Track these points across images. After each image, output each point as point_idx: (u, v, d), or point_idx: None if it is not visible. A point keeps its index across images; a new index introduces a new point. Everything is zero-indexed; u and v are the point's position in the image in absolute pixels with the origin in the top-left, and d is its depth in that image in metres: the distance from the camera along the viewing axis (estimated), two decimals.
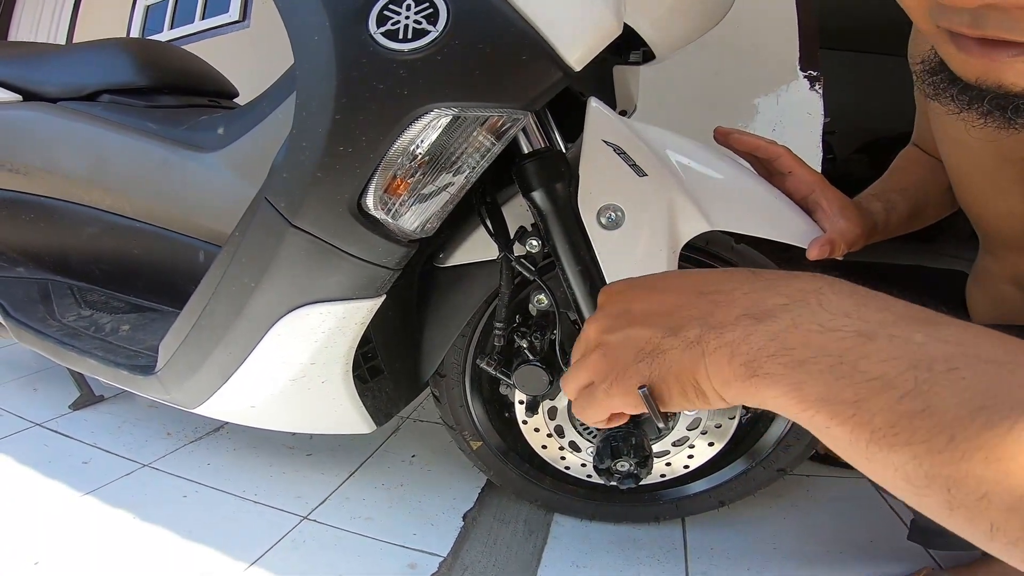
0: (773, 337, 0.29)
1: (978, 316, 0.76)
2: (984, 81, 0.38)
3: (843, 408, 0.26)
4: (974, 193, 0.67)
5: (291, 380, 0.77)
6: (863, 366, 0.26)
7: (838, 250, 0.67)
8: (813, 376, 0.27)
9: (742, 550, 0.93)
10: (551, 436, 0.91)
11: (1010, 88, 0.37)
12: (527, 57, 0.54)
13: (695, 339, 0.32)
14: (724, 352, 0.30)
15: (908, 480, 0.24)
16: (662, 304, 0.36)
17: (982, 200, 0.67)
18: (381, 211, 0.59)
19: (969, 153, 0.62)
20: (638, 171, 0.68)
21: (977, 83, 0.38)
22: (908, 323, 0.28)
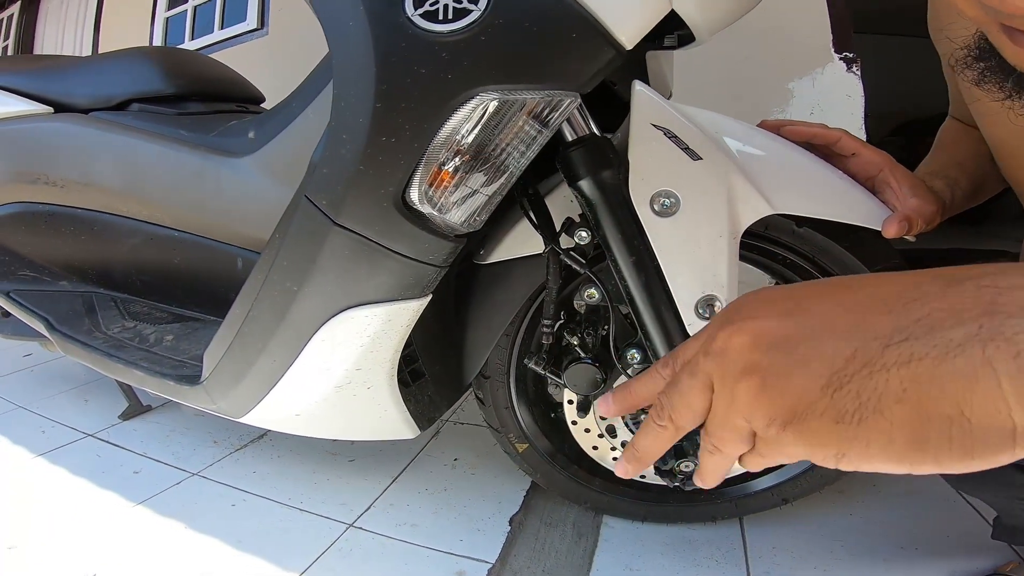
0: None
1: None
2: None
3: None
4: (1019, 166, 0.62)
5: (336, 387, 0.73)
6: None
7: (916, 227, 0.62)
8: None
9: (807, 549, 0.86)
10: (602, 437, 0.85)
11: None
12: (577, 36, 0.48)
13: (963, 341, 0.21)
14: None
15: None
16: (851, 306, 0.24)
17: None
18: (426, 205, 0.55)
19: (1015, 128, 0.57)
20: (692, 155, 0.63)
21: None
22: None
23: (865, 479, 1.01)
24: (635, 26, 0.50)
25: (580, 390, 0.76)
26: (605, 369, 0.75)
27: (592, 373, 0.74)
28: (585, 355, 0.75)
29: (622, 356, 0.71)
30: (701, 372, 0.28)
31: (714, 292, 0.64)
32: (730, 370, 0.26)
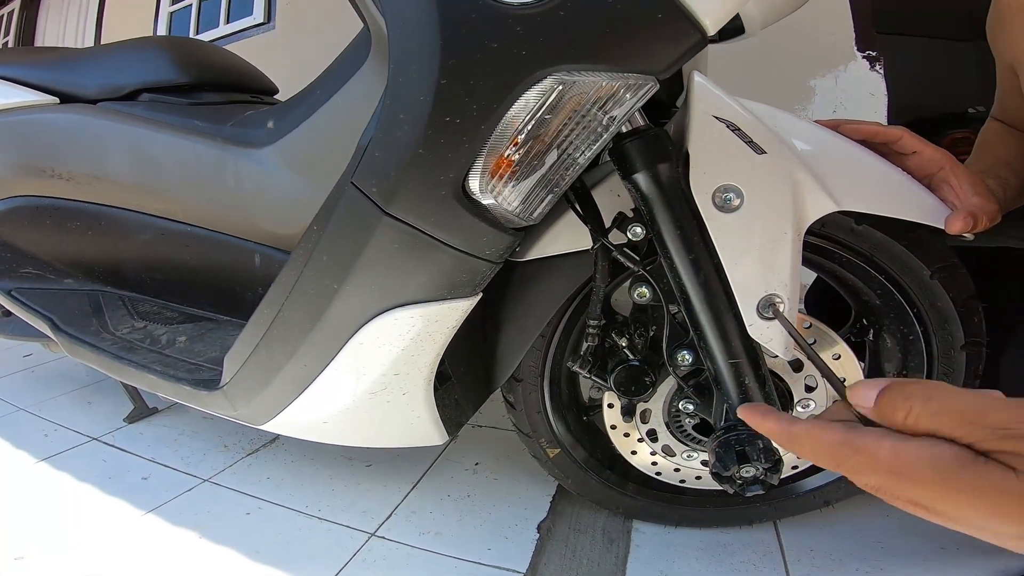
0: None
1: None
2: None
3: None
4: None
5: (370, 393, 0.67)
6: None
7: (980, 224, 0.59)
8: None
9: (846, 551, 0.82)
10: (642, 441, 0.80)
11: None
12: (663, 17, 0.43)
13: None
14: None
15: None
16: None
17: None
18: (488, 195, 0.49)
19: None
20: (756, 148, 0.58)
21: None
22: None
23: None
24: (721, 10, 0.46)
25: (627, 393, 0.71)
26: (654, 371, 0.70)
27: (642, 376, 0.69)
28: (633, 357, 0.70)
29: (672, 358, 0.66)
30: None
31: (776, 291, 0.60)
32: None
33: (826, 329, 0.70)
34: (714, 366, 0.60)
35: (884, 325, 0.71)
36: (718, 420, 0.63)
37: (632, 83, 0.47)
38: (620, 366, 0.70)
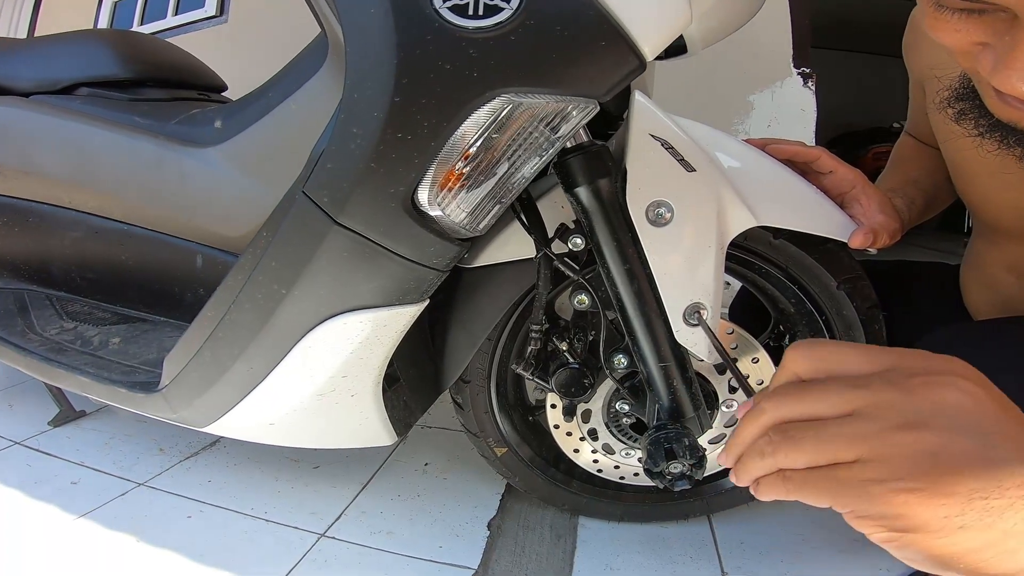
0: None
1: (973, 302, 0.77)
2: (1017, 124, 0.41)
3: None
4: (977, 187, 0.67)
5: (318, 395, 0.69)
6: None
7: (880, 240, 0.66)
8: None
9: (771, 543, 0.90)
10: (584, 439, 0.85)
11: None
12: (605, 43, 0.47)
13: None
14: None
15: None
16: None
17: (983, 194, 0.67)
18: (436, 207, 0.52)
19: (975, 154, 0.62)
20: (687, 166, 0.63)
21: (1010, 123, 0.42)
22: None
23: None
24: (659, 38, 0.50)
25: (567, 395, 0.75)
26: (592, 374, 0.75)
27: (582, 378, 0.73)
28: (573, 360, 0.75)
29: (609, 361, 0.71)
30: (889, 391, 0.26)
31: (701, 300, 0.65)
32: (921, 412, 0.25)
33: (747, 335, 0.76)
34: (646, 369, 0.65)
35: (798, 331, 0.79)
36: (651, 419, 0.68)
37: (575, 105, 0.51)
38: (561, 369, 0.73)
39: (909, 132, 0.86)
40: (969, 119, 0.50)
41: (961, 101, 0.51)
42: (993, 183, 0.64)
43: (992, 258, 0.71)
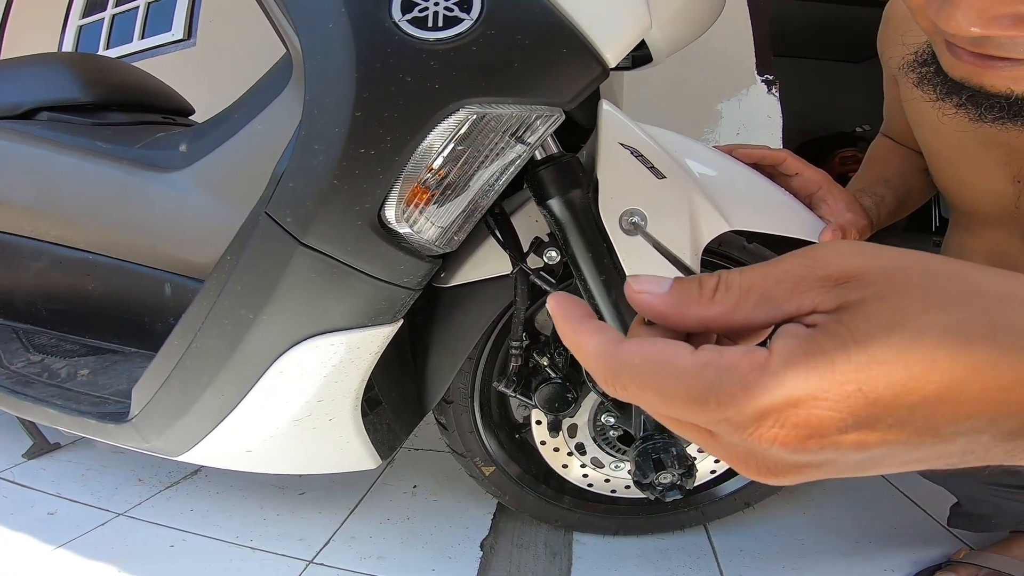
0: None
1: None
2: (968, 80, 0.42)
3: None
4: (955, 175, 0.68)
5: (295, 420, 0.67)
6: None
7: (849, 237, 0.66)
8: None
9: (772, 549, 0.89)
10: (572, 454, 0.84)
11: (988, 89, 0.42)
12: (567, 51, 0.47)
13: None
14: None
15: None
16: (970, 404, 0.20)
17: (961, 181, 0.67)
18: (404, 224, 0.51)
19: (949, 138, 0.63)
20: (657, 174, 0.63)
21: (961, 81, 0.43)
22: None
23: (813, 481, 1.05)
24: (620, 44, 0.50)
25: (551, 410, 0.74)
26: (575, 388, 0.74)
27: (564, 393, 0.72)
28: (555, 375, 0.73)
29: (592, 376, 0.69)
30: (719, 437, 0.22)
31: None
32: (761, 459, 0.21)
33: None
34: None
35: (774, 334, 0.78)
36: (638, 431, 0.66)
37: (540, 114, 0.50)
38: (544, 384, 0.72)
39: (884, 133, 0.87)
40: (928, 83, 0.50)
41: (923, 66, 0.52)
42: (968, 169, 0.64)
43: (970, 248, 0.71)
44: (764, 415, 0.19)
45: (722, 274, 0.23)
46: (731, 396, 0.20)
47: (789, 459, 0.20)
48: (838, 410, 0.19)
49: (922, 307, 0.19)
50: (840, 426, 0.19)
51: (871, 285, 0.20)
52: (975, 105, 0.46)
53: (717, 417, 0.20)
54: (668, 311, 0.23)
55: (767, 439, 0.20)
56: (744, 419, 0.20)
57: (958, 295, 0.20)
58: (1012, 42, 0.36)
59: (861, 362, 0.19)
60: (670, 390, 0.21)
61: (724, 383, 0.20)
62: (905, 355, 0.19)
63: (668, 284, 0.23)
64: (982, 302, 0.19)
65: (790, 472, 0.21)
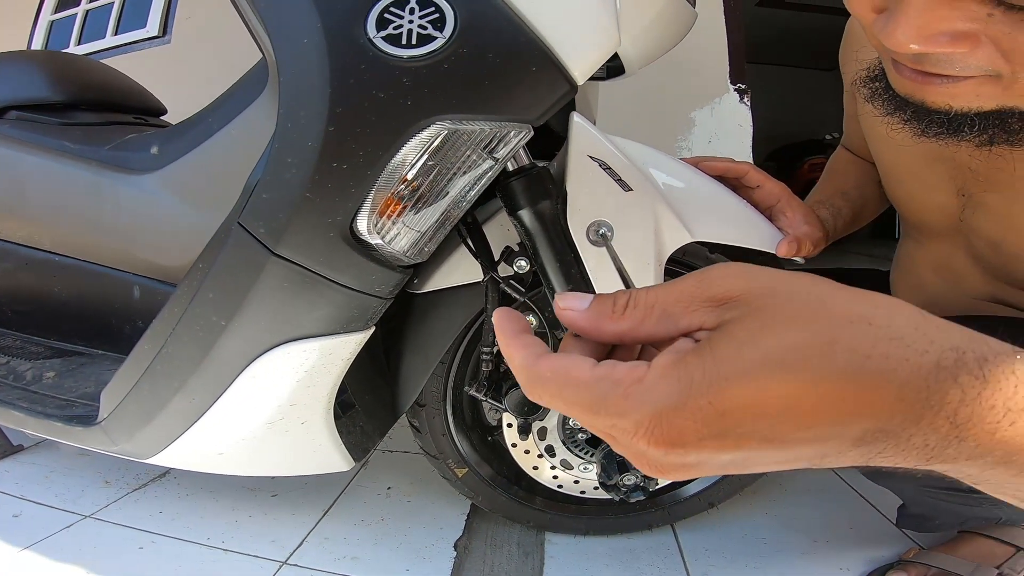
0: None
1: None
2: (912, 97, 0.44)
3: None
4: (904, 188, 0.71)
5: (267, 424, 0.68)
6: None
7: (804, 249, 0.70)
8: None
9: (736, 548, 0.92)
10: (542, 456, 0.86)
11: (930, 106, 0.43)
12: (536, 69, 0.49)
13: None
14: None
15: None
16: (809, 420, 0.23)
17: (909, 194, 0.70)
18: (375, 235, 0.52)
19: (901, 153, 0.66)
20: (623, 186, 0.65)
21: (906, 97, 0.44)
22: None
23: (774, 480, 1.09)
24: (588, 61, 0.52)
25: (521, 414, 0.76)
26: None
27: None
28: None
29: None
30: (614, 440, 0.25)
31: None
32: (647, 458, 0.24)
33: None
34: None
35: None
36: None
37: (509, 130, 0.52)
38: (513, 389, 0.74)
39: (844, 145, 0.91)
40: (878, 99, 0.52)
41: (873, 82, 0.53)
42: (915, 182, 0.68)
43: (919, 259, 0.75)
44: (639, 423, 0.23)
45: (633, 292, 0.26)
46: (616, 406, 0.23)
47: (665, 460, 0.23)
48: (694, 420, 0.22)
49: (773, 328, 0.22)
50: (697, 435, 0.22)
51: (742, 306, 0.24)
52: (918, 121, 0.48)
53: (607, 423, 0.24)
54: (587, 326, 0.26)
55: (643, 443, 0.23)
56: (626, 426, 0.23)
57: (808, 317, 0.22)
58: (948, 59, 0.37)
59: (714, 378, 0.22)
60: (572, 400, 0.25)
61: (610, 395, 0.23)
62: (750, 372, 0.22)
63: (588, 301, 0.27)
64: (826, 323, 0.22)
65: (672, 470, 0.24)
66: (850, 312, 0.23)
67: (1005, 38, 0.34)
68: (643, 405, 0.23)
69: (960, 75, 0.38)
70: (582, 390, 0.24)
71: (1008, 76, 0.36)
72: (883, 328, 0.22)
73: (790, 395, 0.21)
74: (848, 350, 0.21)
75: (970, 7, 0.33)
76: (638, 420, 0.23)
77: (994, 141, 0.47)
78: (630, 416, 0.23)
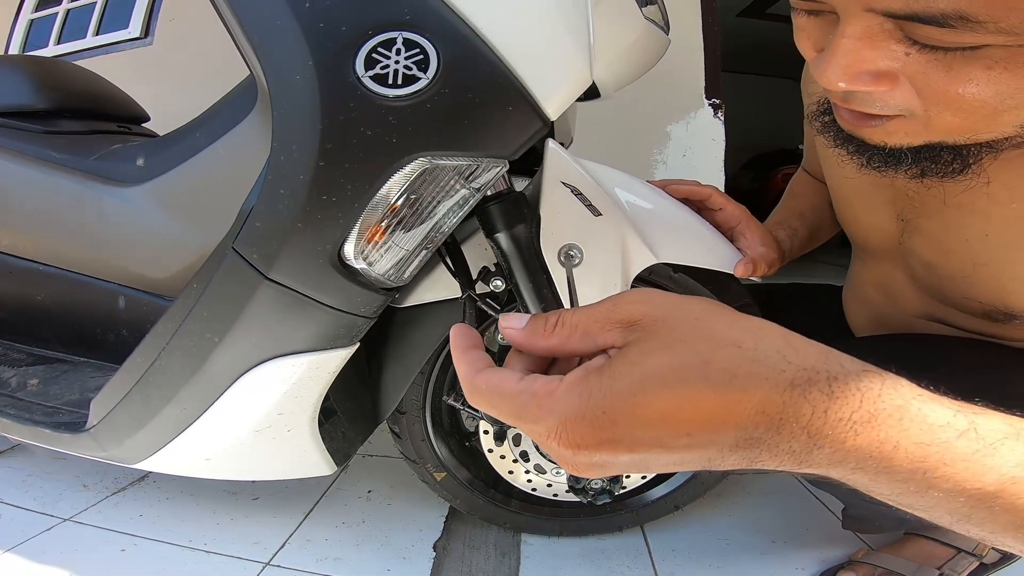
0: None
1: (853, 319, 0.87)
2: (853, 133, 0.47)
3: None
4: (850, 210, 0.76)
5: (255, 431, 0.72)
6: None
7: (759, 269, 0.75)
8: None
9: (700, 548, 0.99)
10: (516, 461, 0.91)
11: (868, 142, 0.46)
12: (512, 108, 0.54)
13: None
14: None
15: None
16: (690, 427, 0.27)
17: (855, 217, 0.76)
18: (360, 261, 0.57)
19: (847, 179, 0.72)
20: (593, 211, 0.71)
21: (850, 132, 0.47)
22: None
23: (736, 483, 1.16)
24: (561, 99, 0.57)
25: (496, 422, 0.81)
26: None
27: None
28: None
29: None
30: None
31: None
32: (564, 459, 0.29)
33: None
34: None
35: None
36: None
37: (487, 165, 0.57)
38: None
39: (804, 167, 0.97)
40: (827, 132, 0.56)
41: (823, 115, 0.57)
42: (861, 206, 0.73)
43: (865, 277, 0.81)
44: (549, 428, 0.28)
45: (561, 312, 0.31)
46: (531, 414, 0.28)
47: (575, 459, 0.29)
48: (591, 427, 0.27)
49: (659, 350, 0.27)
50: (596, 439, 0.27)
51: (640, 330, 0.28)
52: (861, 154, 0.52)
53: (528, 428, 0.29)
54: (523, 342, 0.31)
55: (555, 444, 0.28)
56: (540, 431, 0.28)
57: (690, 339, 0.28)
58: (871, 98, 0.40)
59: (607, 393, 0.27)
60: (500, 408, 0.30)
61: (529, 405, 0.28)
62: (635, 388, 0.27)
63: (525, 320, 0.32)
64: (704, 346, 0.27)
65: (584, 468, 0.29)
66: (724, 337, 0.27)
67: (919, 76, 0.37)
68: (551, 414, 0.27)
69: (882, 114, 0.41)
70: (507, 400, 0.29)
71: (922, 115, 0.39)
72: (750, 351, 0.27)
73: (668, 408, 0.26)
74: (719, 370, 0.26)
75: (891, 47, 0.36)
76: (549, 426, 0.28)
77: (926, 174, 0.52)
78: (543, 423, 0.28)
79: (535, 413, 0.28)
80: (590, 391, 0.27)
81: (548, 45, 0.56)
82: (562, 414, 0.27)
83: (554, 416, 0.27)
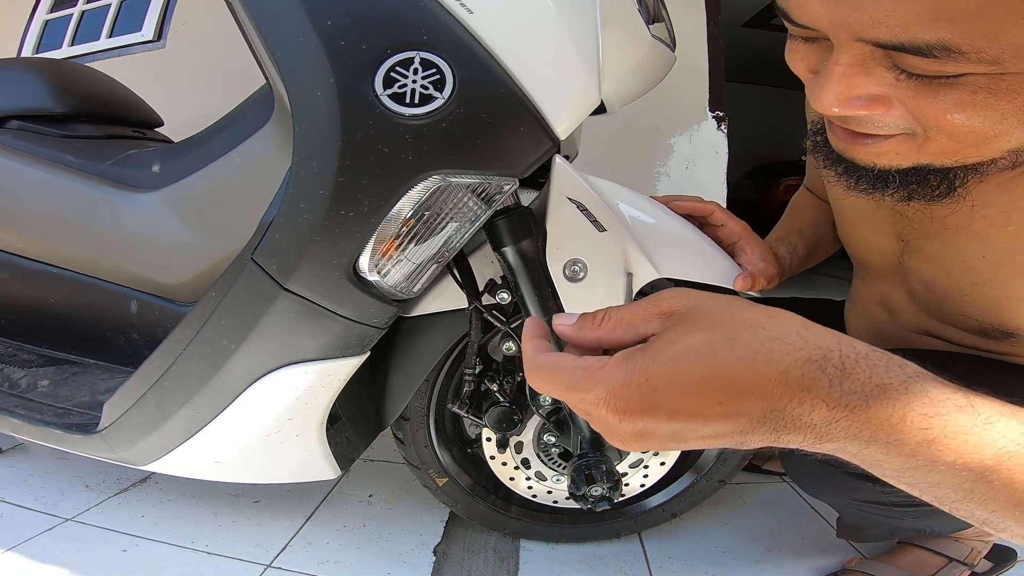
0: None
1: (854, 334, 0.87)
2: (844, 153, 0.49)
3: None
4: (852, 231, 0.79)
5: (264, 436, 0.75)
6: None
7: (758, 284, 0.78)
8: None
9: (696, 556, 1.02)
10: (518, 468, 0.94)
11: (857, 162, 0.48)
12: (523, 128, 0.56)
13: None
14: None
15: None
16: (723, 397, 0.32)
17: (856, 236, 0.79)
18: (375, 274, 0.59)
19: (848, 198, 0.74)
20: (598, 226, 0.73)
21: (840, 152, 0.50)
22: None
23: (733, 492, 1.19)
24: (570, 119, 0.60)
25: (500, 430, 0.84)
26: (521, 411, 0.84)
27: (512, 415, 0.82)
28: (504, 399, 0.83)
29: (535, 399, 0.81)
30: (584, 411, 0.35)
31: None
32: (611, 428, 0.34)
33: None
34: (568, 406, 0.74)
35: None
36: (576, 448, 0.77)
37: (499, 183, 0.60)
38: (493, 407, 0.82)
39: (805, 185, 1.00)
40: (820, 152, 0.58)
41: (817, 135, 0.59)
42: (863, 227, 0.76)
43: (866, 294, 0.84)
44: (599, 396, 0.33)
45: (608, 309, 0.37)
46: (585, 385, 0.34)
47: (620, 427, 0.33)
48: (636, 393, 0.32)
49: (694, 330, 0.33)
50: (640, 405, 0.32)
51: (676, 317, 0.34)
52: (848, 176, 0.53)
53: (579, 398, 0.34)
54: (574, 335, 0.37)
55: (604, 410, 0.33)
56: (591, 398, 0.33)
57: (719, 322, 0.33)
58: (868, 119, 0.41)
59: (650, 363, 0.32)
60: (558, 382, 0.35)
61: (583, 377, 0.34)
62: (673, 358, 0.32)
63: (575, 317, 0.38)
64: (732, 327, 0.33)
65: (630, 438, 0.34)
66: (750, 319, 0.33)
67: (910, 101, 0.39)
68: (601, 383, 0.33)
69: (880, 133, 0.43)
70: (564, 374, 0.34)
71: (921, 134, 0.41)
72: (772, 331, 0.32)
73: (702, 378, 0.31)
74: (745, 346, 0.31)
75: (881, 74, 0.38)
76: (598, 394, 0.33)
77: (912, 197, 0.53)
78: (594, 391, 0.33)
79: (587, 384, 0.33)
80: (635, 364, 0.32)
81: (559, 67, 0.59)
82: (610, 383, 0.32)
83: (603, 385, 0.33)
